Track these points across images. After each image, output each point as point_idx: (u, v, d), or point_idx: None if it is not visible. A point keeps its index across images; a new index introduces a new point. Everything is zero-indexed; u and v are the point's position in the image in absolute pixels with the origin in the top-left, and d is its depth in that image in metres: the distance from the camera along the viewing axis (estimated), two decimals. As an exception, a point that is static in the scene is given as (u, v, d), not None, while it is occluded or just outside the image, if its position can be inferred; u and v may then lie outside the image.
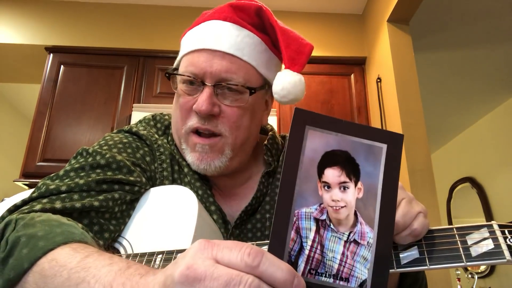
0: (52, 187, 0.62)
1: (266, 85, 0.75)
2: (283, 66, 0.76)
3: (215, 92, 0.69)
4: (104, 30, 2.79)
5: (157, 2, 2.88)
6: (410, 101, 2.29)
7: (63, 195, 0.62)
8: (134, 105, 2.45)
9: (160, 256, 0.56)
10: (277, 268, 0.32)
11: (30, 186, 2.42)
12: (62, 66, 2.63)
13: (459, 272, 2.87)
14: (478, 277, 3.21)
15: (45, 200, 0.61)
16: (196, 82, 0.70)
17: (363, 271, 0.36)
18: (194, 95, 0.71)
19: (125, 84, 2.60)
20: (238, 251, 0.32)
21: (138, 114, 2.36)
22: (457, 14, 2.80)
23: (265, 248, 0.54)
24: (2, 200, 2.38)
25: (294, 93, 0.71)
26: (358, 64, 2.80)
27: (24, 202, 0.61)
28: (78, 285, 0.41)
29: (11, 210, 0.60)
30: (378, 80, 2.53)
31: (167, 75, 0.74)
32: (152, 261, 0.56)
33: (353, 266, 0.36)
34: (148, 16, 2.85)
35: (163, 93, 2.59)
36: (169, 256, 0.55)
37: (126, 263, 0.41)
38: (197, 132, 0.71)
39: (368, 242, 0.37)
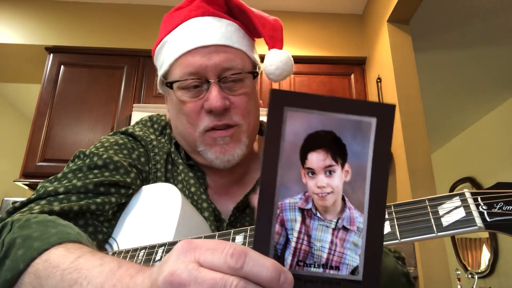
0: (50, 188, 0.63)
1: (257, 67, 0.77)
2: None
3: (220, 87, 0.70)
4: (104, 30, 2.79)
5: (157, 2, 2.88)
6: (410, 101, 2.29)
7: (61, 196, 0.63)
8: (134, 105, 2.45)
9: (142, 251, 0.57)
10: (262, 267, 0.31)
11: (30, 186, 2.42)
12: (62, 66, 2.63)
13: (459, 272, 2.87)
14: (478, 277, 3.21)
15: (43, 202, 0.61)
16: (199, 84, 0.70)
17: (354, 258, 0.35)
18: (199, 97, 0.70)
19: (125, 84, 2.60)
20: (221, 253, 0.31)
21: (138, 114, 2.36)
22: (457, 14, 2.80)
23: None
24: (2, 200, 2.37)
25: (287, 70, 0.75)
26: (358, 64, 2.80)
27: (23, 204, 0.62)
28: (71, 286, 0.41)
29: (9, 212, 0.60)
30: (378, 80, 2.53)
31: (168, 85, 0.73)
32: (136, 257, 0.57)
33: (343, 253, 0.35)
34: (148, 16, 2.85)
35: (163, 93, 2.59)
36: (151, 250, 0.56)
37: (117, 263, 0.42)
38: (213, 129, 0.71)
39: (358, 228, 0.35)
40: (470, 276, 2.82)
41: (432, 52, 3.19)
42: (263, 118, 0.88)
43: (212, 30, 0.72)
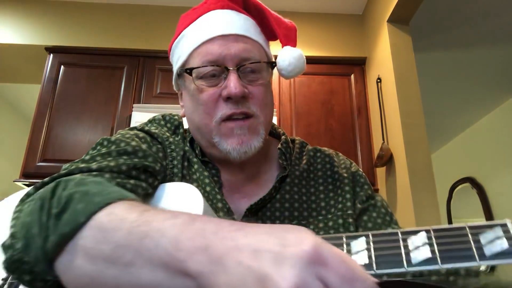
0: (82, 165, 0.60)
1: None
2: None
3: (239, 76, 0.70)
4: (104, 30, 2.79)
5: (157, 2, 2.88)
6: (410, 101, 2.29)
7: (95, 173, 0.59)
8: (134, 105, 2.45)
9: None
10: None
11: (30, 186, 2.42)
12: (62, 66, 2.63)
13: (459, 272, 2.87)
14: (478, 277, 3.21)
15: (94, 178, 0.58)
16: (217, 72, 0.70)
17: None
18: (217, 85, 0.70)
19: (125, 84, 2.60)
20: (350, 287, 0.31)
21: (138, 114, 2.36)
22: (457, 14, 2.80)
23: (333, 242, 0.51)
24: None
25: (300, 67, 0.76)
26: (358, 64, 2.80)
27: (53, 179, 0.57)
28: (142, 239, 0.39)
29: (37, 187, 0.56)
30: (378, 80, 2.53)
31: (188, 71, 0.72)
32: None
33: None
34: (148, 16, 2.85)
35: (163, 93, 2.59)
36: None
37: (188, 216, 0.40)
38: (230, 119, 0.70)
39: None
40: (470, 276, 2.82)
41: (432, 52, 3.19)
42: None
43: (231, 21, 0.73)
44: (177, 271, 0.36)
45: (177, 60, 0.77)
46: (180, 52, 0.76)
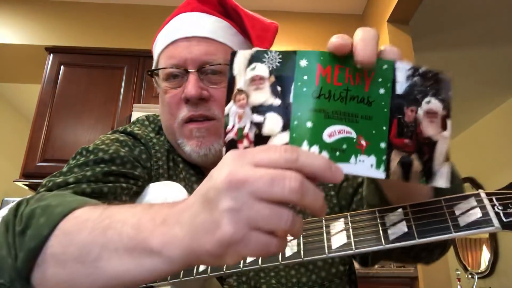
0: (59, 180, 0.61)
1: None
2: None
3: (200, 78, 0.70)
4: (104, 30, 2.79)
5: (157, 2, 2.88)
6: (410, 101, 2.29)
7: (72, 185, 0.60)
8: (134, 105, 2.45)
9: None
10: (315, 158, 0.33)
11: (30, 186, 2.42)
12: (62, 67, 2.63)
13: (459, 272, 2.87)
14: (478, 278, 3.21)
15: (54, 192, 0.59)
16: (179, 74, 0.71)
17: None
18: (179, 87, 0.71)
19: (125, 84, 2.60)
20: (274, 151, 0.33)
21: (138, 114, 2.34)
22: (457, 14, 2.80)
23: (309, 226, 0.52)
24: (2, 200, 2.37)
25: None
26: (358, 64, 2.80)
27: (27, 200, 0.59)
28: (106, 232, 0.40)
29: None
30: (378, 80, 2.53)
31: (149, 73, 0.74)
32: None
33: None
34: (148, 16, 2.85)
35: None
36: None
37: (147, 204, 0.42)
38: (190, 121, 0.71)
39: None
40: (470, 276, 2.82)
41: (432, 52, 3.19)
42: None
43: (196, 24, 0.73)
44: (143, 252, 0.37)
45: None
46: (154, 55, 0.78)
